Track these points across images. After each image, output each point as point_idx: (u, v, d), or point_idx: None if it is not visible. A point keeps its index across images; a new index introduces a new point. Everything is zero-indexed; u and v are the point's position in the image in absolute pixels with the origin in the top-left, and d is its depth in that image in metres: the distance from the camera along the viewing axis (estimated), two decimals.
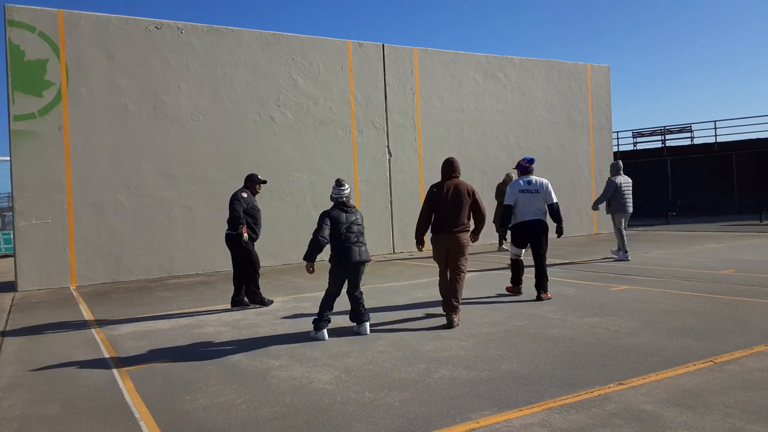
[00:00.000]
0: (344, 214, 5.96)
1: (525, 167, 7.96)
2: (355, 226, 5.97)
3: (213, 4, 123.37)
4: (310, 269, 5.91)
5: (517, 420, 3.54)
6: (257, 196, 8.05)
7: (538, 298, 7.47)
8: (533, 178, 7.82)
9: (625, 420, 3.46)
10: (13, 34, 10.56)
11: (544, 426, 3.43)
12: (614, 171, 11.39)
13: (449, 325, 6.13)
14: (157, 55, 11.76)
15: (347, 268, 5.91)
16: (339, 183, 6.15)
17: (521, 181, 7.81)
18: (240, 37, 12.58)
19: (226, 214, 7.82)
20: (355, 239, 5.91)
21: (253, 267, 7.71)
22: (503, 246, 13.89)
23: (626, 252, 11.13)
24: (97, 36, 11.23)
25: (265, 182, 8.10)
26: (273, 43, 12.92)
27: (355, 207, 6.17)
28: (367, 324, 6.07)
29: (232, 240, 7.66)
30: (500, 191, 13.48)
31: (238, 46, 12.53)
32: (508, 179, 13.37)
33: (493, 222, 13.72)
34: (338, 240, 5.88)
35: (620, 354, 4.84)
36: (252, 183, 7.93)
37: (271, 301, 7.90)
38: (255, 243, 7.89)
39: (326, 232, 5.84)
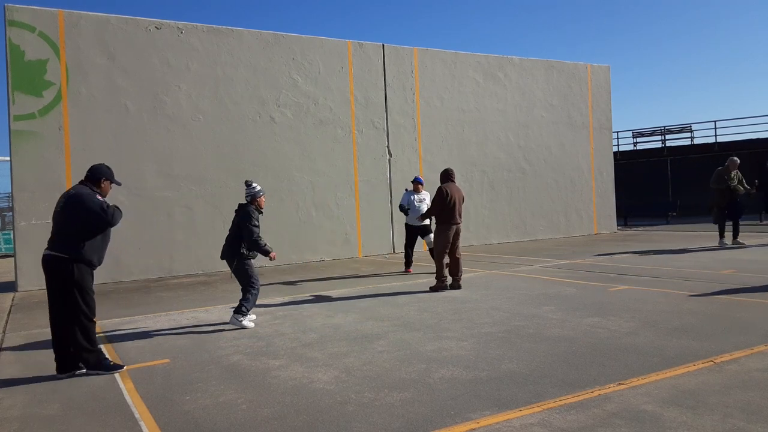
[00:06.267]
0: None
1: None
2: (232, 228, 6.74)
3: (213, 4, 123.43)
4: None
5: (517, 420, 3.54)
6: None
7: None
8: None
9: (625, 420, 3.46)
10: (13, 34, 10.56)
11: (544, 426, 3.43)
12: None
13: (458, 287, 8.52)
14: (157, 55, 11.76)
15: None
16: (245, 183, 6.91)
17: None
18: (240, 37, 12.58)
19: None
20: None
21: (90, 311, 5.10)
22: (724, 241, 12.84)
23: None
24: (97, 36, 11.23)
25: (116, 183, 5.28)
26: (273, 43, 12.93)
27: (240, 207, 6.73)
28: (236, 315, 6.52)
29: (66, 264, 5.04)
30: (721, 178, 12.96)
31: (238, 46, 12.53)
32: (732, 164, 13.16)
33: (710, 212, 13.19)
34: None
35: (620, 354, 4.84)
36: (107, 181, 5.16)
37: (120, 366, 5.01)
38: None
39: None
